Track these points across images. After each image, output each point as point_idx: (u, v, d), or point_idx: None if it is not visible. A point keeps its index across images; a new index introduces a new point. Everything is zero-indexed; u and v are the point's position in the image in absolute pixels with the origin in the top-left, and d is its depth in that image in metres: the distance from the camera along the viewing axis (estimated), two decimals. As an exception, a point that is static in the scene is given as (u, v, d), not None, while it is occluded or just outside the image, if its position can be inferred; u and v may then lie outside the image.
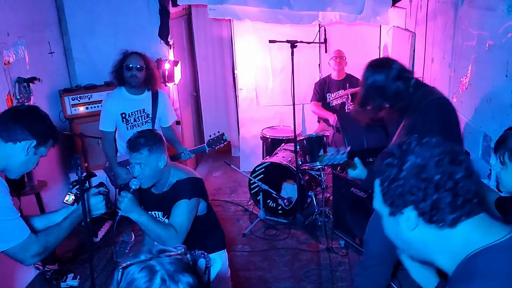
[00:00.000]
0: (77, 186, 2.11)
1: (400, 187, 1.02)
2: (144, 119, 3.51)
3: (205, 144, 3.43)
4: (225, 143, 3.42)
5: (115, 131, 3.55)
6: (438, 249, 1.05)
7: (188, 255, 1.14)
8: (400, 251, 1.16)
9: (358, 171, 2.45)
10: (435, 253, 1.06)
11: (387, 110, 2.41)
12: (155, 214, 2.51)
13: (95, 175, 2.82)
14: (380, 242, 2.72)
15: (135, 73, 3.36)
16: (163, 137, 2.50)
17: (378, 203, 1.10)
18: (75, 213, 2.02)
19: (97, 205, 2.10)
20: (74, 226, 2.02)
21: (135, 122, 3.49)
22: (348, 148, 2.47)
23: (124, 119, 3.47)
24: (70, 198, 2.10)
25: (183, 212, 2.34)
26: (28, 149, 1.84)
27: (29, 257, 1.84)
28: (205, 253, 1.17)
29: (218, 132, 3.40)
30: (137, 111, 3.49)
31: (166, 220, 2.43)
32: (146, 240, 2.72)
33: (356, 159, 2.43)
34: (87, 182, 2.18)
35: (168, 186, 2.42)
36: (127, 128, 3.48)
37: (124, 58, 3.39)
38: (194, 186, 2.42)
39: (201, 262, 1.14)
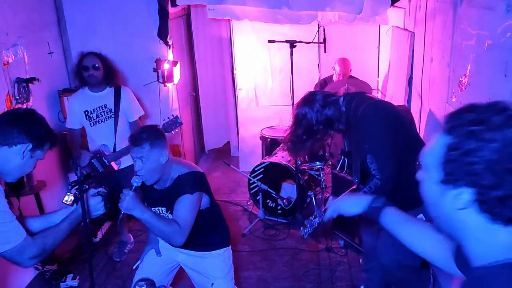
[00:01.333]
0: (76, 187, 2.10)
1: (474, 165, 0.87)
2: (107, 114, 3.57)
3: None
4: (180, 126, 3.44)
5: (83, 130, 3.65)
6: (477, 237, 0.94)
7: None
8: (431, 217, 1.03)
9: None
10: (470, 239, 0.95)
11: (329, 136, 2.51)
12: (158, 210, 2.51)
13: (94, 177, 2.81)
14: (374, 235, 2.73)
15: (92, 73, 3.47)
16: (164, 133, 2.50)
17: (432, 162, 0.95)
18: (74, 214, 2.02)
19: (96, 205, 2.10)
20: (73, 227, 2.01)
21: (97, 118, 3.57)
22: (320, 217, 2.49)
23: (87, 116, 3.56)
24: (69, 198, 2.09)
25: (185, 207, 2.34)
26: (24, 152, 1.84)
27: (26, 259, 1.84)
28: None
29: (172, 115, 3.43)
30: (99, 107, 3.56)
31: (170, 216, 2.42)
32: (150, 238, 2.72)
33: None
34: (86, 183, 2.16)
35: (170, 181, 2.42)
36: (91, 125, 3.57)
37: (81, 59, 3.50)
38: (196, 180, 2.42)
39: None
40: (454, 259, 1.20)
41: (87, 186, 2.13)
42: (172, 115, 3.39)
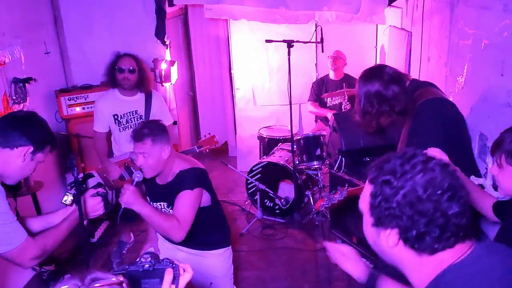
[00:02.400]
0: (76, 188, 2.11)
1: (392, 210, 1.01)
2: (137, 120, 3.48)
3: (195, 146, 3.47)
4: (215, 146, 3.46)
5: (108, 133, 3.56)
6: (412, 267, 1.07)
7: (150, 263, 1.12)
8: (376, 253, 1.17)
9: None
10: (408, 269, 1.09)
11: (388, 115, 2.40)
12: (160, 205, 2.51)
13: (93, 176, 2.81)
14: None
15: (127, 76, 3.35)
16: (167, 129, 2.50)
17: (365, 207, 1.09)
18: (74, 214, 2.01)
19: (95, 206, 2.09)
20: (73, 227, 2.01)
21: (127, 124, 3.48)
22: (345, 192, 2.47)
23: (116, 121, 3.46)
24: (68, 198, 2.08)
25: (185, 202, 2.35)
26: (25, 155, 1.83)
27: (27, 260, 1.84)
28: (174, 262, 1.15)
29: (209, 134, 3.45)
30: (129, 112, 3.47)
31: (171, 211, 2.42)
32: (149, 236, 2.72)
33: None
34: (85, 183, 2.16)
35: (172, 176, 2.43)
36: (120, 130, 3.48)
37: (116, 60, 3.38)
38: (196, 177, 2.42)
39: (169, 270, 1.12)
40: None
41: (84, 186, 2.13)
42: (209, 133, 3.46)
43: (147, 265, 1.11)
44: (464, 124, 2.47)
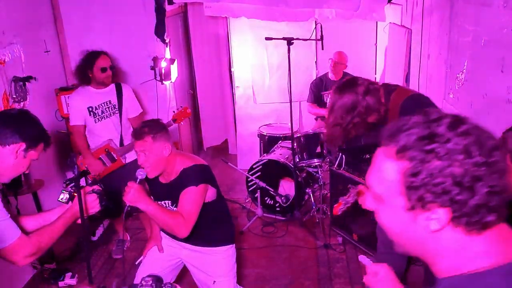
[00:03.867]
0: (71, 184, 2.12)
1: (443, 184, 0.83)
2: (111, 110, 3.61)
3: (170, 120, 3.55)
4: (189, 117, 3.61)
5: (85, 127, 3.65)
6: (450, 251, 0.92)
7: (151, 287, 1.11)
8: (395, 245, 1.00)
9: None
10: (443, 254, 0.93)
11: (359, 126, 2.43)
12: (164, 203, 2.52)
13: (89, 173, 2.82)
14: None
15: (109, 73, 3.52)
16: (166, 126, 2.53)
17: (392, 191, 0.90)
18: (69, 212, 2.02)
19: (91, 203, 2.10)
20: (69, 224, 2.02)
21: (102, 114, 3.59)
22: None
23: (91, 113, 3.57)
24: (64, 196, 2.10)
25: (190, 199, 2.36)
26: (17, 152, 1.83)
27: (21, 258, 1.84)
28: (176, 287, 1.14)
29: (181, 106, 3.56)
30: (103, 103, 3.59)
31: (176, 209, 2.43)
32: (153, 234, 2.73)
33: None
34: (83, 179, 2.18)
35: (175, 174, 2.43)
36: (95, 121, 3.58)
37: (93, 60, 3.48)
38: (200, 173, 2.43)
39: None
40: None
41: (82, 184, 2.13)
42: (181, 106, 3.56)
43: None
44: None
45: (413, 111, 2.37)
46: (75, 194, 2.07)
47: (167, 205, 2.52)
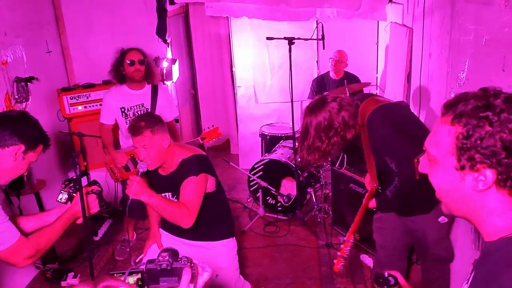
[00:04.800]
0: (70, 185, 2.11)
1: (491, 147, 0.91)
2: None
3: (199, 138, 3.55)
4: (219, 137, 3.54)
5: (115, 125, 3.64)
6: (495, 213, 0.98)
7: (167, 262, 1.11)
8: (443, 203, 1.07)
9: None
10: (488, 216, 0.99)
11: (339, 145, 2.37)
12: (165, 195, 2.53)
13: (88, 174, 2.83)
14: (389, 236, 2.74)
15: (138, 67, 3.44)
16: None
17: (444, 151, 0.98)
18: (68, 213, 2.02)
19: (91, 204, 2.09)
20: (67, 225, 2.01)
21: (134, 117, 3.51)
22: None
23: (123, 113, 3.54)
24: (63, 196, 2.09)
25: (192, 188, 2.38)
26: (16, 154, 1.82)
27: (21, 260, 1.84)
28: (192, 261, 1.14)
29: (213, 126, 3.51)
30: (136, 105, 3.54)
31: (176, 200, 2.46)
32: (152, 233, 2.74)
33: None
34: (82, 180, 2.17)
35: (175, 166, 2.45)
36: (126, 123, 3.51)
37: (123, 55, 3.45)
38: (200, 163, 2.45)
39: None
40: None
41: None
42: (213, 125, 3.53)
43: (165, 264, 1.11)
44: (418, 120, 2.54)
45: (379, 125, 2.31)
46: (74, 194, 2.07)
47: (168, 197, 2.53)
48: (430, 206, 2.43)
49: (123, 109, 3.53)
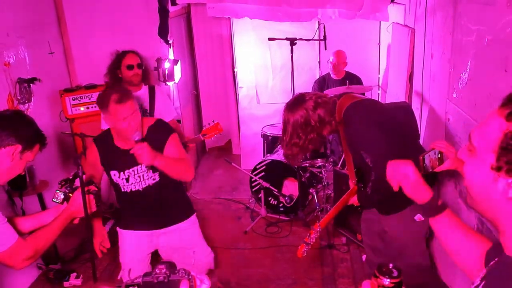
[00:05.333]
0: (66, 185, 2.10)
1: None
2: (142, 115, 3.50)
3: (200, 135, 3.58)
4: (221, 133, 3.58)
5: None
6: None
7: (164, 275, 1.10)
8: (471, 199, 0.99)
9: None
10: None
11: (316, 141, 2.43)
12: (135, 170, 2.50)
13: (84, 173, 2.79)
14: (376, 238, 2.74)
15: (137, 71, 3.42)
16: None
17: (487, 144, 0.89)
18: (65, 213, 2.01)
19: (87, 204, 2.06)
20: (65, 226, 2.00)
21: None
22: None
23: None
24: (59, 197, 2.08)
25: (177, 144, 2.50)
26: (13, 154, 1.82)
27: (19, 261, 1.84)
28: (190, 273, 1.13)
29: (213, 121, 3.54)
30: None
31: (151, 172, 2.49)
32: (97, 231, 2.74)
33: None
34: (75, 180, 2.13)
35: (143, 134, 2.47)
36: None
37: (120, 58, 3.43)
38: (167, 124, 2.60)
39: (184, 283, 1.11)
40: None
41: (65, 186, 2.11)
42: (213, 121, 3.57)
43: (162, 277, 1.10)
44: (394, 114, 2.56)
45: (354, 119, 2.35)
46: (70, 194, 2.06)
47: (137, 172, 2.50)
48: (407, 203, 2.41)
49: None
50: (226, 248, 3.94)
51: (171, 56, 4.61)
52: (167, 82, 4.45)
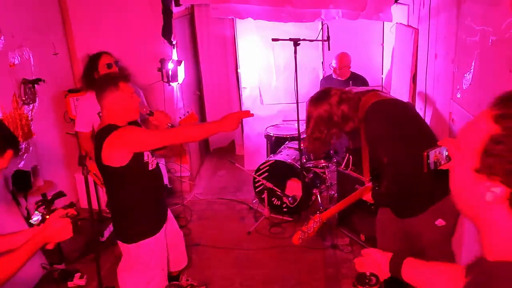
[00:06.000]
0: (44, 206, 1.96)
1: None
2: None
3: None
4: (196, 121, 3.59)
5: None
6: (501, 231, 0.88)
7: None
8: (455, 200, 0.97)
9: None
10: (493, 232, 0.90)
11: (338, 136, 2.45)
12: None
13: (64, 195, 2.65)
14: (389, 240, 2.72)
15: (115, 69, 3.49)
16: None
17: (471, 145, 0.88)
18: (36, 238, 1.77)
19: (63, 229, 1.82)
20: (35, 252, 1.77)
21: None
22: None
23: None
24: (37, 218, 1.93)
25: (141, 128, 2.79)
26: None
27: None
28: None
29: (188, 112, 3.53)
30: None
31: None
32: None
33: None
34: (54, 201, 1.98)
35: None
36: None
37: (96, 59, 3.48)
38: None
39: None
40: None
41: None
42: (187, 111, 3.52)
43: None
44: (416, 118, 2.53)
45: (375, 118, 2.34)
46: (47, 216, 1.88)
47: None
48: (426, 206, 2.40)
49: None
50: (230, 249, 3.94)
51: (174, 57, 4.62)
52: (170, 83, 4.46)
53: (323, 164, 4.27)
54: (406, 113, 2.48)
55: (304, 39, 3.88)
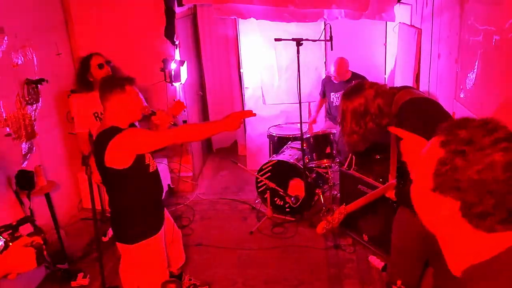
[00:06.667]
0: (8, 232, 1.72)
1: (460, 182, 0.93)
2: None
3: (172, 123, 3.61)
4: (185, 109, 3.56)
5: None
6: (460, 241, 0.99)
7: None
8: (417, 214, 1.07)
9: None
10: (454, 242, 1.01)
11: (375, 131, 2.39)
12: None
13: (34, 220, 2.44)
14: (407, 239, 2.69)
15: (107, 69, 3.55)
16: None
17: (426, 169, 1.00)
18: None
19: (26, 259, 1.68)
20: None
21: None
22: None
23: (97, 118, 3.55)
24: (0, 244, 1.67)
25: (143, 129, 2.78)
26: None
27: None
28: None
29: (173, 100, 3.59)
30: None
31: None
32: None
33: None
34: (18, 228, 1.83)
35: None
36: None
37: (88, 61, 3.53)
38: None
39: None
40: None
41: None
42: (174, 100, 3.58)
43: None
44: (447, 117, 2.48)
45: (408, 115, 2.29)
46: (10, 243, 1.67)
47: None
48: None
49: (96, 114, 3.55)
50: (232, 249, 3.95)
51: (177, 57, 4.63)
52: (173, 83, 4.47)
53: (326, 164, 4.26)
54: (439, 112, 2.44)
55: (306, 39, 3.88)
